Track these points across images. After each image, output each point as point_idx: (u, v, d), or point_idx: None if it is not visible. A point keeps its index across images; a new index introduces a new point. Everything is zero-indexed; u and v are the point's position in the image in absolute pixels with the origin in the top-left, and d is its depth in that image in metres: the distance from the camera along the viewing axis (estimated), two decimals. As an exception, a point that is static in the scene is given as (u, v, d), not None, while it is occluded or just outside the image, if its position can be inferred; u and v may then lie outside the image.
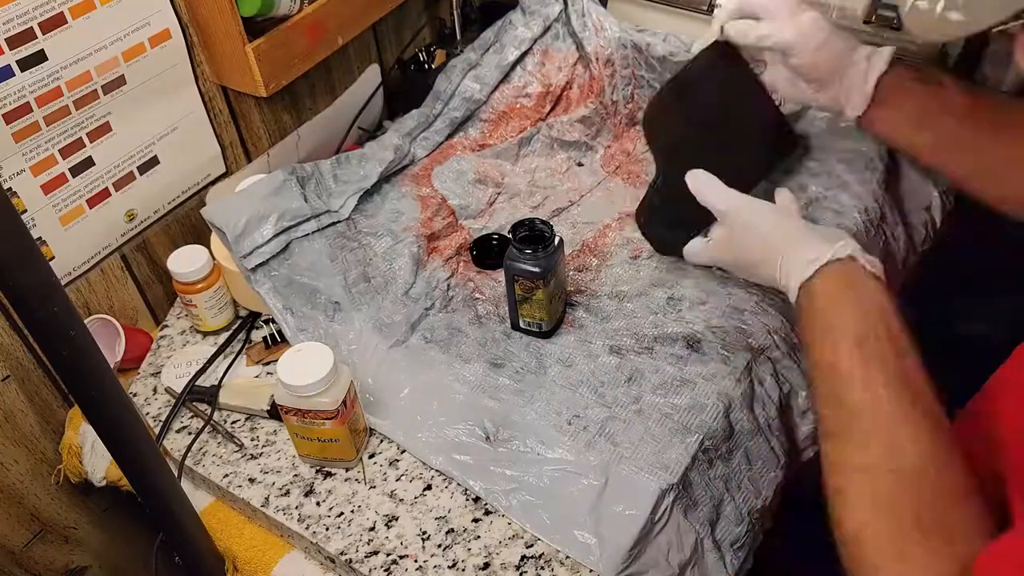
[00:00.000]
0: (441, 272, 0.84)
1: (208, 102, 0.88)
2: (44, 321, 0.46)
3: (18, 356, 0.79)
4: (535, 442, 0.69)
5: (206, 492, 0.75)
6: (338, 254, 0.83)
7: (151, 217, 0.87)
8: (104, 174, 0.80)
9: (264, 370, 0.82)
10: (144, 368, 0.84)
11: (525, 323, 0.77)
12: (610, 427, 0.69)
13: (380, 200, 0.91)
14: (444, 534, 0.66)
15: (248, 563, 0.70)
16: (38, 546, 0.89)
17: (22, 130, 0.71)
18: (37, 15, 0.69)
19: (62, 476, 0.85)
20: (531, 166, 0.97)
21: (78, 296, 0.83)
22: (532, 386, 0.73)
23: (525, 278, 0.72)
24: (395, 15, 1.06)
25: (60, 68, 0.72)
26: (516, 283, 0.73)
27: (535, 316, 0.76)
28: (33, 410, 0.83)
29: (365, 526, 0.67)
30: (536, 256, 0.72)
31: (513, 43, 1.02)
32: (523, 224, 0.74)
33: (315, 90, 1.00)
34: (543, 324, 0.76)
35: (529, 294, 0.73)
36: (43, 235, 0.77)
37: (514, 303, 0.76)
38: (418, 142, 0.98)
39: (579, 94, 1.04)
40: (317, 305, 0.79)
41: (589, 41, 1.02)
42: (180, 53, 0.82)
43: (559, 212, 0.93)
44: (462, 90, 1.00)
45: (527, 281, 0.73)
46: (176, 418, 0.77)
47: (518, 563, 0.64)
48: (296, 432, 0.69)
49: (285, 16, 0.85)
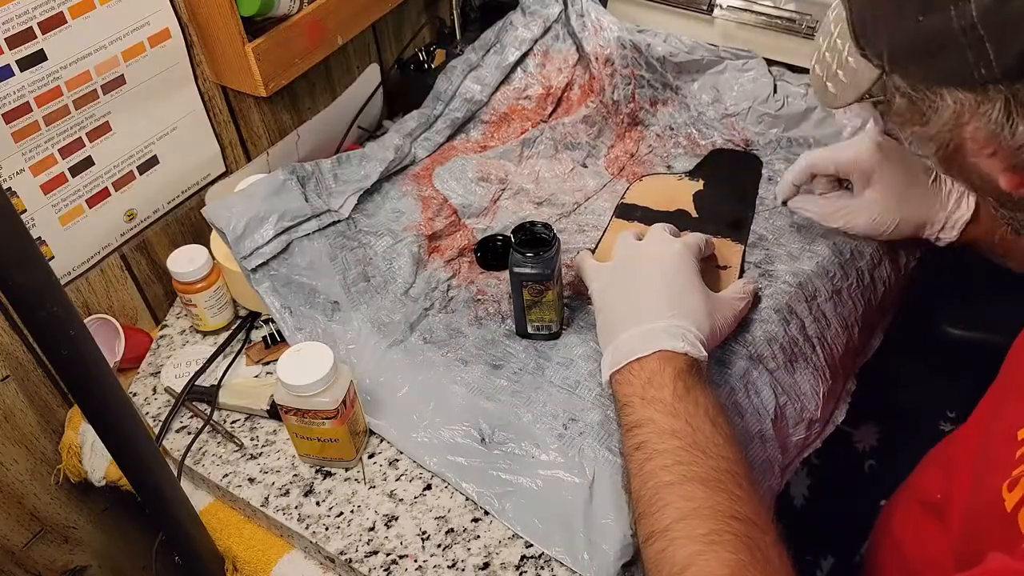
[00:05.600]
0: (442, 272, 0.84)
1: (208, 102, 0.88)
2: (44, 321, 0.46)
3: (18, 356, 0.79)
4: (530, 445, 0.69)
5: (206, 492, 0.75)
6: (338, 253, 0.83)
7: (151, 217, 0.87)
8: (104, 174, 0.80)
9: (264, 370, 0.82)
10: (144, 368, 0.84)
11: (534, 327, 0.76)
12: (605, 432, 0.69)
13: (381, 200, 0.91)
14: (444, 534, 0.66)
15: (248, 563, 0.70)
16: (38, 546, 0.89)
17: (22, 130, 0.71)
18: (37, 15, 0.68)
19: (62, 476, 0.85)
20: (535, 168, 0.97)
21: (78, 296, 0.83)
22: (530, 387, 0.73)
23: (534, 282, 0.72)
24: (395, 15, 1.06)
25: (60, 68, 0.72)
26: (524, 288, 0.73)
27: (545, 319, 0.75)
28: (33, 410, 0.83)
29: (365, 526, 0.67)
30: (541, 258, 0.71)
31: (514, 44, 1.02)
32: (522, 228, 0.73)
33: (315, 90, 1.00)
34: (553, 325, 0.76)
35: (539, 297, 0.73)
36: (43, 235, 0.77)
37: (522, 309, 0.75)
38: (419, 143, 0.98)
39: (580, 95, 1.04)
40: (316, 304, 0.79)
41: (588, 41, 1.02)
42: (180, 53, 0.82)
43: (567, 214, 0.92)
44: (463, 91, 1.00)
45: (536, 284, 0.72)
46: (176, 418, 0.77)
47: (518, 563, 0.64)
48: (296, 432, 0.69)
49: (285, 16, 0.85)
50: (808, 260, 0.81)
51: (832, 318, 0.79)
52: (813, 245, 0.83)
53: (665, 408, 0.59)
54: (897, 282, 0.86)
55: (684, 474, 0.55)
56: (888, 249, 0.86)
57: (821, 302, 0.79)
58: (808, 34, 0.98)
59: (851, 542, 0.81)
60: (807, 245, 0.83)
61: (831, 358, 0.77)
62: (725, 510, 0.53)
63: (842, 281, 0.81)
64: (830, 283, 0.80)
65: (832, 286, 0.80)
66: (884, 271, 0.85)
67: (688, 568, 0.50)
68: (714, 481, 0.55)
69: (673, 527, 0.53)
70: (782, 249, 0.83)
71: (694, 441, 0.57)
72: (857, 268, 0.82)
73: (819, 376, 0.75)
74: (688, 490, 0.54)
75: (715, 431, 0.58)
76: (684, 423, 0.58)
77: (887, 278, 0.85)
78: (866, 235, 0.80)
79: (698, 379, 0.62)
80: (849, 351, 0.80)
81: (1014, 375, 0.61)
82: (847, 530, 0.81)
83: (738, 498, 0.54)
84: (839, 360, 0.78)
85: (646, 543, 0.55)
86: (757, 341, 0.74)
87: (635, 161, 0.99)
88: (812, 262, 0.81)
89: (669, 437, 0.58)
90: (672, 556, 0.52)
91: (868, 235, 0.80)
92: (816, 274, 0.80)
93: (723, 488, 0.54)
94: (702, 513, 0.53)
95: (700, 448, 0.57)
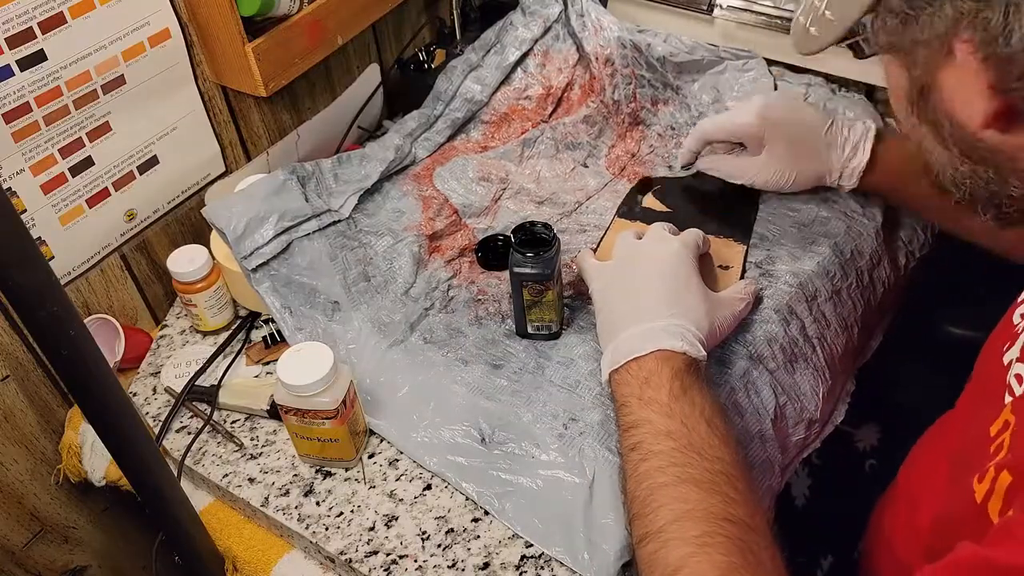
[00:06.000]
0: (442, 272, 0.84)
1: (208, 102, 0.88)
2: (44, 321, 0.46)
3: (18, 356, 0.79)
4: (530, 445, 0.69)
5: (206, 492, 0.75)
6: (338, 253, 0.83)
7: (151, 217, 0.87)
8: (104, 174, 0.80)
9: (264, 370, 0.82)
10: (144, 368, 0.84)
11: (534, 328, 0.76)
12: (605, 432, 0.69)
13: (381, 199, 0.91)
14: (444, 534, 0.66)
15: (248, 563, 0.70)
16: (38, 546, 0.89)
17: (22, 130, 0.71)
18: (37, 15, 0.68)
19: (62, 476, 0.85)
20: (536, 168, 0.97)
21: (78, 296, 0.83)
22: (530, 387, 0.73)
23: (534, 282, 0.72)
24: (395, 15, 1.06)
25: (60, 68, 0.72)
26: (524, 288, 0.73)
27: (545, 319, 0.75)
28: (33, 410, 0.83)
29: (365, 526, 0.67)
30: (541, 258, 0.71)
31: (514, 44, 1.02)
32: (522, 228, 0.73)
33: (315, 90, 1.00)
34: (553, 325, 0.76)
35: (539, 297, 0.73)
36: (43, 235, 0.77)
37: (522, 309, 0.75)
38: (419, 143, 0.97)
39: (580, 95, 1.04)
40: (316, 304, 0.79)
41: (588, 41, 1.02)
42: (180, 53, 0.82)
43: (568, 214, 0.92)
44: (463, 91, 1.00)
45: (536, 284, 0.72)
46: (176, 418, 0.77)
47: (518, 563, 0.64)
48: (296, 432, 0.69)
49: (285, 16, 0.85)
50: (809, 260, 0.81)
51: (832, 318, 0.79)
52: (814, 245, 0.83)
53: (661, 409, 0.59)
54: (897, 282, 0.87)
55: (679, 476, 0.55)
56: (888, 249, 0.86)
57: (821, 302, 0.79)
58: (808, 34, 0.98)
59: (851, 542, 0.81)
60: (808, 245, 0.83)
61: (831, 358, 0.77)
62: (719, 512, 0.53)
63: (842, 281, 0.81)
64: (830, 283, 0.80)
65: (832, 286, 0.80)
66: (884, 271, 0.85)
67: (680, 570, 0.51)
68: (708, 483, 0.55)
69: (666, 528, 0.53)
70: (783, 249, 0.83)
71: (689, 442, 0.57)
72: (857, 268, 0.82)
73: (819, 376, 0.75)
74: (682, 492, 0.54)
75: (711, 432, 0.58)
76: (680, 424, 0.58)
77: (886, 278, 0.85)
78: (771, 189, 0.85)
79: (696, 379, 0.62)
80: (849, 351, 0.81)
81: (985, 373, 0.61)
82: (847, 530, 0.81)
83: (732, 500, 0.54)
84: (839, 360, 0.78)
85: (640, 544, 0.55)
86: (757, 341, 0.74)
87: (636, 161, 0.99)
88: (813, 262, 0.81)
89: (665, 438, 0.58)
90: (665, 558, 0.52)
91: (772, 189, 0.85)
92: (817, 274, 0.80)
93: (717, 490, 0.54)
94: (695, 515, 0.53)
95: (695, 449, 0.57)
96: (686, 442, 0.57)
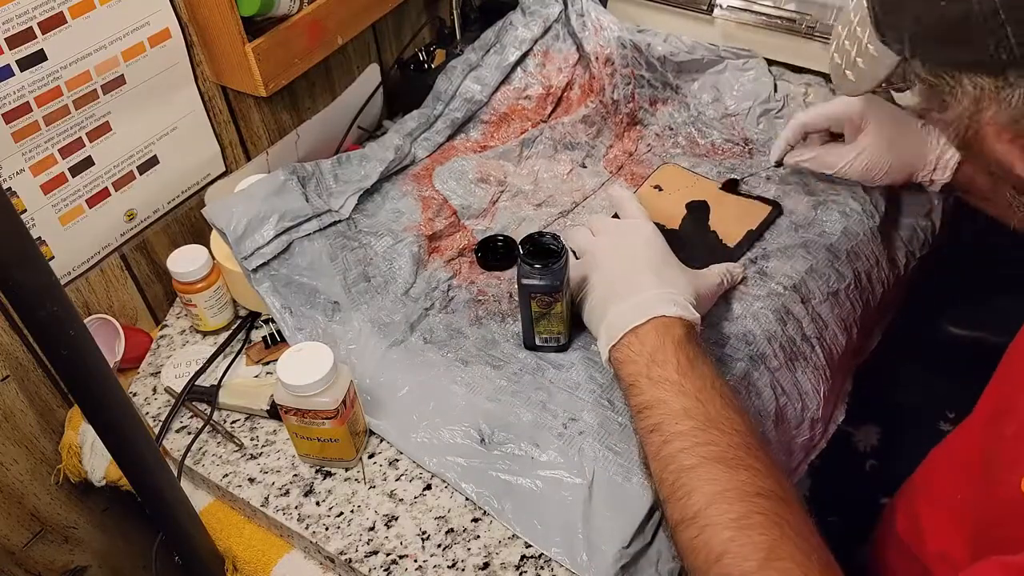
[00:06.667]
0: (442, 272, 0.84)
1: (208, 102, 0.88)
2: (44, 321, 0.46)
3: (18, 356, 0.79)
4: (530, 445, 0.69)
5: (206, 492, 0.75)
6: (338, 254, 0.83)
7: (151, 217, 0.87)
8: (104, 174, 0.80)
9: (264, 370, 0.82)
10: (144, 368, 0.84)
11: (542, 340, 0.75)
12: (605, 432, 0.69)
13: (381, 200, 0.91)
14: (444, 534, 0.66)
15: (248, 563, 0.71)
16: (38, 546, 0.89)
17: (22, 130, 0.71)
18: (37, 15, 0.68)
19: (62, 476, 0.85)
20: (534, 168, 0.97)
21: (78, 296, 0.83)
22: (529, 388, 0.73)
23: (543, 293, 0.70)
24: (395, 15, 1.06)
25: (60, 68, 0.72)
26: (533, 300, 0.71)
27: (553, 331, 0.74)
28: (33, 410, 0.83)
29: (365, 526, 0.67)
30: (550, 270, 0.70)
31: (514, 44, 1.02)
32: (530, 239, 0.72)
33: (315, 90, 1.00)
34: (561, 338, 0.75)
35: (547, 309, 0.72)
36: (43, 235, 0.77)
37: (530, 322, 0.74)
38: (419, 143, 0.97)
39: (580, 94, 1.04)
40: (316, 304, 0.79)
41: (588, 41, 1.02)
42: (180, 53, 0.82)
43: (566, 213, 0.92)
44: (463, 91, 1.00)
45: (545, 296, 0.71)
46: (176, 418, 0.77)
47: (518, 563, 0.64)
48: (296, 432, 0.69)
49: (285, 16, 0.85)
50: (803, 261, 0.81)
51: (829, 319, 0.79)
52: (808, 245, 0.83)
53: (673, 387, 0.60)
54: (896, 283, 0.87)
55: (704, 455, 0.56)
56: (887, 249, 0.86)
57: (816, 303, 0.79)
58: (808, 34, 0.99)
59: (851, 542, 0.81)
60: (805, 245, 0.83)
61: (831, 358, 0.77)
62: (751, 488, 0.53)
63: (839, 282, 0.81)
64: (826, 284, 0.80)
65: (828, 287, 0.80)
66: (883, 271, 0.85)
67: (724, 555, 0.51)
68: (733, 459, 0.55)
69: (702, 513, 0.53)
70: (778, 248, 0.83)
71: (707, 418, 0.58)
72: (854, 269, 0.82)
73: (820, 375, 0.75)
74: (711, 472, 0.55)
75: (724, 404, 0.59)
76: (695, 400, 0.59)
77: (885, 278, 0.85)
78: (860, 179, 0.82)
79: (698, 347, 0.63)
80: (848, 351, 0.80)
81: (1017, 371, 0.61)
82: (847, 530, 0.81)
83: (758, 472, 0.55)
84: (838, 360, 0.78)
85: (677, 529, 0.55)
86: (758, 341, 0.74)
87: (634, 160, 0.99)
88: (807, 263, 0.81)
89: (683, 418, 0.58)
90: (706, 543, 0.52)
91: (861, 180, 0.83)
92: (812, 274, 0.80)
93: (743, 464, 0.55)
94: (728, 496, 0.53)
95: (714, 424, 0.57)
96: (704, 419, 0.58)
